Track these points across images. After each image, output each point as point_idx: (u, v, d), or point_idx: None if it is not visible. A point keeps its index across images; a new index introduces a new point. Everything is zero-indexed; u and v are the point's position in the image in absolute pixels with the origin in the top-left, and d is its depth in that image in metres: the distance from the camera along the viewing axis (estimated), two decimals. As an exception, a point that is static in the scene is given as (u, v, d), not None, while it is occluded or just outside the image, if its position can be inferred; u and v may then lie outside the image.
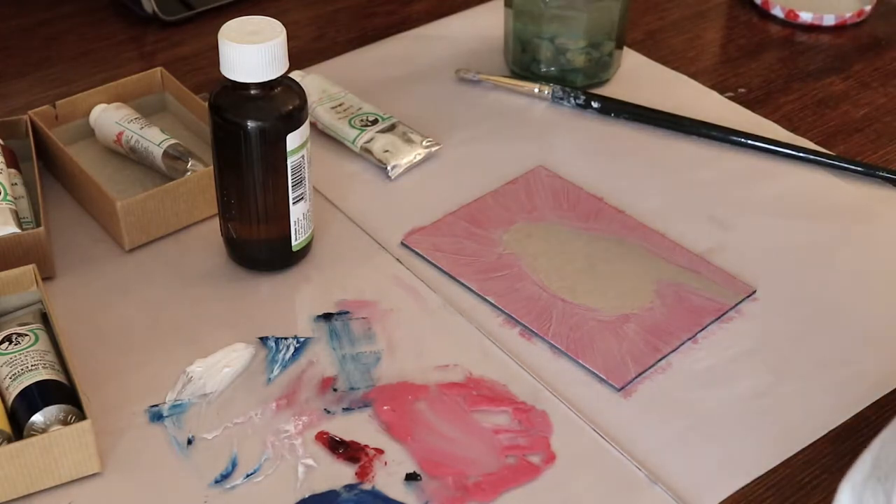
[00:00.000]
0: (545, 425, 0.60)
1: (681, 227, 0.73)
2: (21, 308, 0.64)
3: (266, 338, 0.65)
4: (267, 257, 0.69)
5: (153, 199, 0.70)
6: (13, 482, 0.55)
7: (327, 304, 0.67)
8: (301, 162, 0.66)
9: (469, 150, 0.80)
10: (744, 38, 0.95)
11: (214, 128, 0.65)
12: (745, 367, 0.64)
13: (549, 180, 0.77)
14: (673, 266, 0.70)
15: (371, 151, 0.78)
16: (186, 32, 0.94)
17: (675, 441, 0.60)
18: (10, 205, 0.68)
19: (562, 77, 0.86)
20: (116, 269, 0.70)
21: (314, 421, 0.60)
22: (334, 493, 0.56)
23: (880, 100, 0.87)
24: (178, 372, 0.63)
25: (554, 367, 0.64)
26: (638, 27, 0.95)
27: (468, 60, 0.89)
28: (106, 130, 0.77)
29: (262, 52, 0.62)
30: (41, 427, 0.56)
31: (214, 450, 0.59)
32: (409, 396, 0.62)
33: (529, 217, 0.74)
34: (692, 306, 0.67)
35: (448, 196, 0.75)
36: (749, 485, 0.58)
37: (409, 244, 0.72)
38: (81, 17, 0.96)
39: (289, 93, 0.65)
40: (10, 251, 0.66)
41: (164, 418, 0.60)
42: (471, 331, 0.66)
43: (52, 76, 0.88)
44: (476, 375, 0.63)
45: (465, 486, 0.57)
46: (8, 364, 0.59)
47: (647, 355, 0.64)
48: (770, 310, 0.68)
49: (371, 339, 0.65)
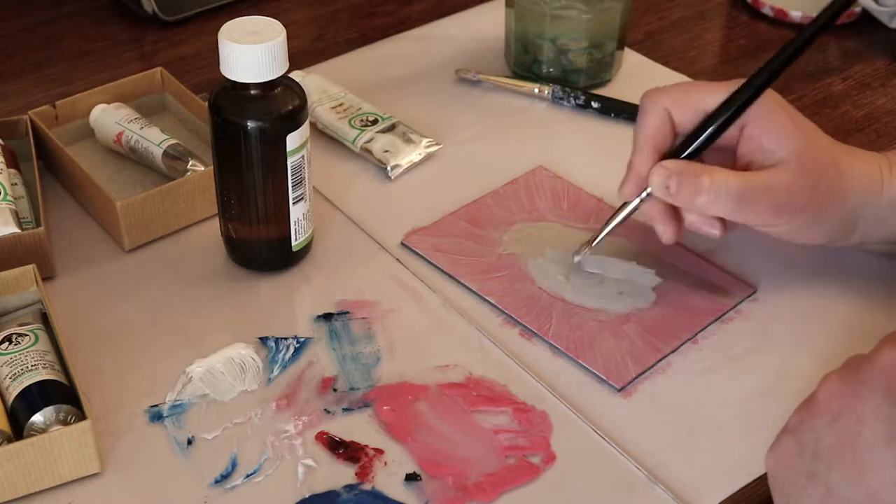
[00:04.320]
0: (545, 425, 0.60)
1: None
2: (21, 308, 0.64)
3: (266, 338, 0.65)
4: (267, 257, 0.69)
5: (153, 199, 0.70)
6: (13, 482, 0.55)
7: (327, 304, 0.67)
8: (301, 162, 0.66)
9: (469, 150, 0.80)
10: (743, 38, 0.95)
11: (214, 128, 0.65)
12: (745, 367, 0.64)
13: (549, 180, 0.77)
14: (673, 266, 0.70)
15: (371, 151, 0.78)
16: (186, 32, 0.94)
17: (675, 441, 0.60)
18: (10, 205, 0.68)
19: (563, 77, 0.86)
20: (116, 269, 0.70)
21: (314, 421, 0.60)
22: (334, 493, 0.56)
23: (880, 100, 0.87)
24: (178, 372, 0.63)
25: (554, 367, 0.64)
26: (638, 27, 0.95)
27: (468, 60, 0.89)
28: (106, 130, 0.77)
29: (262, 52, 0.62)
30: (41, 427, 0.56)
31: (214, 450, 0.59)
32: (409, 396, 0.62)
33: (529, 217, 0.74)
34: (692, 306, 0.67)
35: (448, 196, 0.75)
36: (749, 485, 0.58)
37: (409, 244, 0.72)
38: (81, 17, 0.96)
39: (289, 93, 0.65)
40: (10, 251, 0.66)
41: (164, 418, 0.60)
42: (471, 331, 0.66)
43: (52, 76, 0.88)
44: (476, 376, 0.63)
45: (465, 487, 0.57)
46: (8, 364, 0.59)
47: (647, 355, 0.64)
48: (770, 310, 0.68)
49: (371, 339, 0.65)
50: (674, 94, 0.66)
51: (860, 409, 0.47)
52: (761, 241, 0.72)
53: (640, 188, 0.65)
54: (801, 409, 0.51)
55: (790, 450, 0.50)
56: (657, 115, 0.65)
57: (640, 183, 0.65)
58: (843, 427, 0.47)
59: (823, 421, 0.49)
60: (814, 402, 0.50)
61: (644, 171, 0.64)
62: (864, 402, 0.47)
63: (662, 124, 0.65)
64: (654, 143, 0.65)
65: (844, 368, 0.50)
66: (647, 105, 0.66)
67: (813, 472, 0.48)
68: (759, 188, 0.62)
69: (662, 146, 0.65)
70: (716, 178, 0.62)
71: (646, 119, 0.65)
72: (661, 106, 0.65)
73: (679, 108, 0.65)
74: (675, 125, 0.65)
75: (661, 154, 0.65)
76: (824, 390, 0.49)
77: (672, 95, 0.65)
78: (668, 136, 0.65)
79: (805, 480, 0.49)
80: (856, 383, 0.48)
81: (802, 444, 0.49)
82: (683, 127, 0.65)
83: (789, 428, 0.51)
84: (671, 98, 0.65)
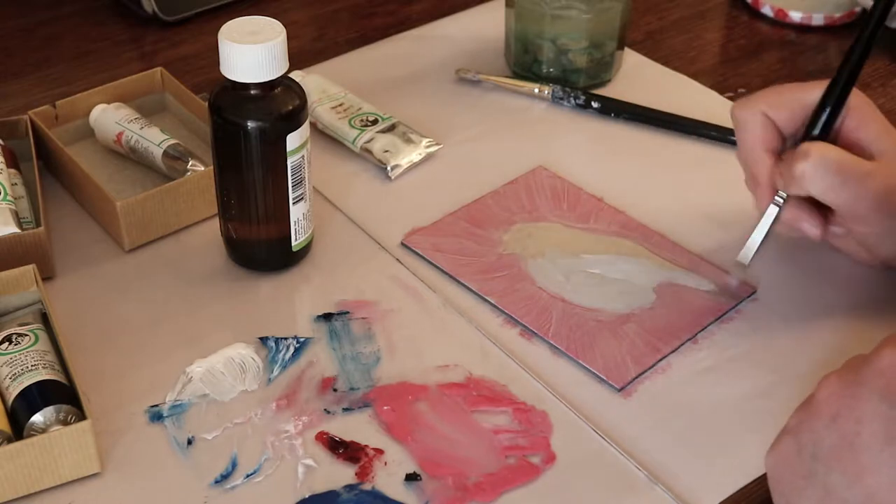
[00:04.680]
0: (545, 425, 0.60)
1: (681, 227, 0.73)
2: (21, 308, 0.64)
3: (266, 338, 0.65)
4: (267, 257, 0.69)
5: (153, 199, 0.70)
6: (13, 482, 0.55)
7: (327, 304, 0.67)
8: (301, 162, 0.66)
9: (469, 150, 0.80)
10: (743, 38, 0.95)
11: (214, 128, 0.65)
12: (745, 367, 0.64)
13: (549, 180, 0.77)
14: (673, 266, 0.70)
15: (371, 151, 0.78)
16: (186, 32, 0.94)
17: (675, 441, 0.60)
18: (10, 205, 0.68)
19: (564, 77, 0.86)
20: (116, 269, 0.70)
21: (314, 421, 0.60)
22: (334, 493, 0.56)
23: (880, 100, 0.87)
24: (178, 372, 0.63)
25: (554, 367, 0.64)
26: (638, 27, 0.95)
27: (468, 60, 0.89)
28: (106, 130, 0.77)
29: (262, 52, 0.62)
30: (41, 427, 0.56)
31: (214, 450, 0.59)
32: (409, 397, 0.62)
33: (529, 217, 0.74)
34: (692, 306, 0.67)
35: (448, 196, 0.75)
36: (749, 485, 0.58)
37: (409, 244, 0.72)
38: (81, 17, 0.96)
39: (289, 93, 0.65)
40: (10, 251, 0.66)
41: (164, 418, 0.60)
42: (471, 331, 0.66)
43: (52, 76, 0.88)
44: (476, 376, 0.63)
45: (465, 487, 0.57)
46: (8, 364, 0.59)
47: (647, 355, 0.64)
48: (770, 310, 0.68)
49: (371, 339, 0.65)
50: (766, 97, 0.65)
51: (859, 410, 0.47)
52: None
53: (773, 194, 0.64)
54: (801, 410, 0.51)
55: (790, 450, 0.50)
56: (759, 122, 0.64)
57: (772, 190, 0.64)
58: (843, 428, 0.47)
59: (822, 422, 0.49)
60: (813, 403, 0.50)
61: (771, 177, 0.64)
62: (863, 403, 0.47)
63: (767, 129, 0.65)
64: (767, 149, 0.64)
65: (844, 369, 0.50)
66: (744, 116, 0.65)
67: (812, 472, 0.49)
68: (863, 170, 0.61)
69: (775, 150, 0.65)
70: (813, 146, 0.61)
71: (749, 129, 0.65)
72: (759, 112, 0.64)
73: (776, 109, 0.65)
74: (779, 128, 0.65)
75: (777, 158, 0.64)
76: (823, 391, 0.49)
77: (765, 100, 0.65)
78: (777, 139, 0.65)
79: (804, 481, 0.49)
80: (855, 384, 0.48)
81: (802, 445, 0.49)
82: (785, 128, 0.65)
83: (789, 428, 0.51)
84: (766, 102, 0.65)
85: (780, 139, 0.65)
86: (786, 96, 0.65)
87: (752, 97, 0.66)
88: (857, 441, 0.47)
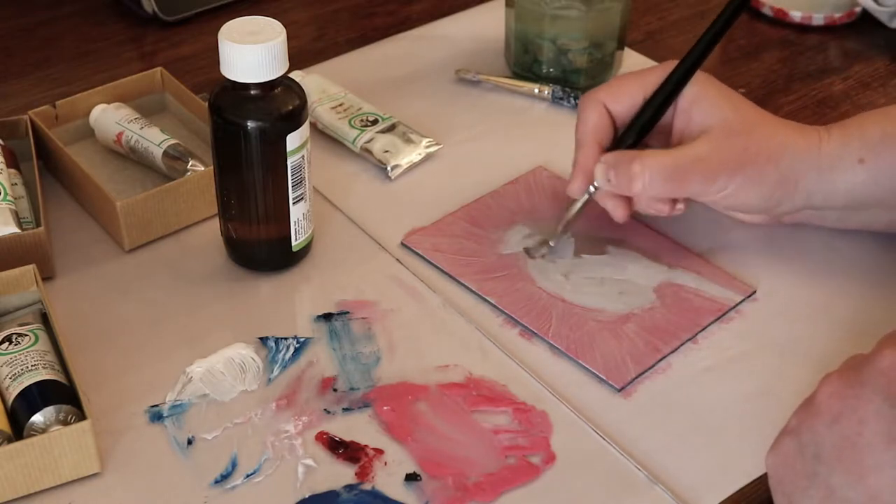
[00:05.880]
0: (545, 425, 0.60)
1: (681, 227, 0.73)
2: (21, 308, 0.64)
3: (266, 338, 0.65)
4: (267, 257, 0.69)
5: (153, 199, 0.70)
6: (13, 482, 0.55)
7: (327, 304, 0.67)
8: (301, 162, 0.66)
9: (469, 150, 0.80)
10: (743, 38, 0.95)
11: (214, 128, 0.65)
12: (745, 367, 0.64)
13: (549, 180, 0.77)
14: (673, 266, 0.70)
15: (371, 151, 0.78)
16: (186, 32, 0.94)
17: (675, 441, 0.60)
18: (10, 205, 0.68)
19: (564, 77, 0.86)
20: (116, 269, 0.70)
21: (314, 421, 0.60)
22: (334, 493, 0.56)
23: (880, 100, 0.87)
24: (178, 372, 0.63)
25: (554, 367, 0.64)
26: (638, 27, 0.95)
27: (468, 60, 0.89)
28: (106, 130, 0.77)
29: (262, 52, 0.62)
30: (41, 427, 0.56)
31: (214, 450, 0.59)
32: (409, 397, 0.62)
33: (529, 217, 0.74)
34: (692, 306, 0.67)
35: (448, 196, 0.75)
36: (749, 485, 0.58)
37: (409, 244, 0.72)
38: (81, 17, 0.96)
39: (289, 93, 0.65)
40: (10, 251, 0.66)
41: (164, 418, 0.60)
42: (471, 331, 0.66)
43: (52, 76, 0.88)
44: (476, 376, 0.63)
45: (465, 487, 0.57)
46: (8, 364, 0.59)
47: (647, 355, 0.64)
48: (770, 310, 0.68)
49: (371, 339, 0.65)
50: (608, 87, 0.68)
51: (861, 411, 0.47)
52: (761, 240, 0.72)
53: (588, 183, 0.67)
54: (802, 410, 0.51)
55: (791, 451, 0.50)
56: (595, 110, 0.68)
57: (587, 178, 0.67)
58: (844, 428, 0.47)
59: (824, 422, 0.49)
60: (814, 403, 0.50)
61: (589, 166, 0.67)
62: (864, 404, 0.47)
63: (601, 118, 0.68)
64: (595, 138, 0.67)
65: (844, 369, 0.50)
66: (585, 103, 0.68)
67: (814, 473, 0.49)
68: (687, 161, 0.65)
69: (604, 140, 0.68)
70: (645, 163, 0.64)
71: (584, 116, 0.68)
72: (598, 101, 0.68)
73: (615, 100, 0.68)
74: (615, 118, 0.68)
75: (604, 147, 0.67)
76: (824, 391, 0.49)
77: (606, 90, 0.68)
78: (609, 130, 0.68)
79: (806, 481, 0.49)
80: (856, 384, 0.48)
81: (803, 445, 0.49)
82: (622, 118, 0.68)
83: (789, 429, 0.51)
84: (606, 92, 0.68)
85: (612, 131, 0.68)
86: (626, 88, 0.68)
87: (597, 88, 0.69)
88: (859, 441, 0.47)
